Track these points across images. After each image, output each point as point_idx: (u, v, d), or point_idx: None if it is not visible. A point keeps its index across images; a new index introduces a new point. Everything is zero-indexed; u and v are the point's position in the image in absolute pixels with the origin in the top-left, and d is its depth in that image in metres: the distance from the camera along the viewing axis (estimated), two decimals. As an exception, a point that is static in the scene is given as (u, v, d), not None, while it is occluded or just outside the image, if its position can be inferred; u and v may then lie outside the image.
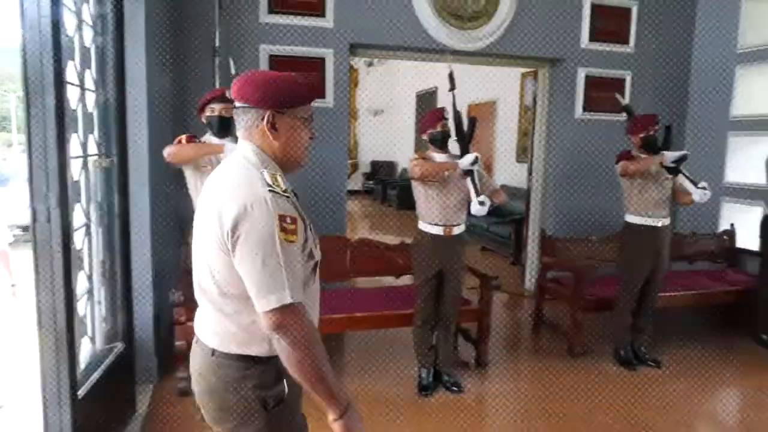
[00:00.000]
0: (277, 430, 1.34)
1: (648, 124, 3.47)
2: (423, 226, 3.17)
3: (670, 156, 3.35)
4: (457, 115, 3.05)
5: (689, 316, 4.70)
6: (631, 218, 3.59)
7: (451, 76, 3.10)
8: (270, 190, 1.22)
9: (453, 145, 3.17)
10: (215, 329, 1.33)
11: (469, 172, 2.96)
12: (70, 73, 2.27)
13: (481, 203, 2.86)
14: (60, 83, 1.98)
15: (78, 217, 2.40)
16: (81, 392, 2.18)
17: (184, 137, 2.70)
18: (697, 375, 3.57)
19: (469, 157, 2.93)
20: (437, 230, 3.11)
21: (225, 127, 2.73)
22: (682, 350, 3.97)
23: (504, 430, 2.98)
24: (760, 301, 4.08)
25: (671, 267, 4.69)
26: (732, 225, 4.73)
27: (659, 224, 3.52)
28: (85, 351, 2.46)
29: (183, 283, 3.05)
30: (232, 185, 1.26)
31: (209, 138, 2.76)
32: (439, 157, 3.12)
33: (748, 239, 4.54)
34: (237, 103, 1.33)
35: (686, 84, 5.14)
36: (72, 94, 2.30)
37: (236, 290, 1.25)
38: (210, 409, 1.37)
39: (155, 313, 3.13)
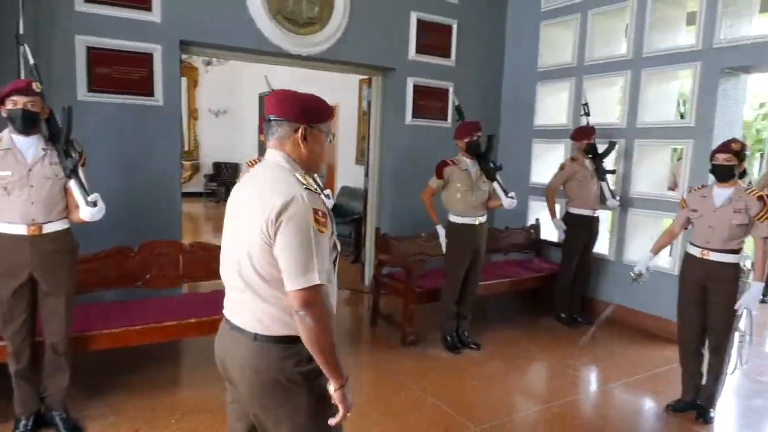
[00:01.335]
0: (318, 405, 1.53)
1: (472, 130, 3.86)
2: None
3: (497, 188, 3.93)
4: None
5: (504, 301, 5.32)
6: (453, 218, 3.96)
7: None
8: (306, 188, 1.44)
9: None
10: (258, 316, 1.49)
11: None
12: None
13: (327, 196, 3.05)
14: None
15: None
16: None
17: None
18: (512, 352, 4.07)
19: None
20: None
21: (30, 122, 2.43)
22: (499, 332, 4.48)
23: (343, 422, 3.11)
24: (558, 285, 4.76)
25: (490, 259, 5.26)
26: (537, 220, 5.43)
27: (477, 222, 3.93)
28: None
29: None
30: (272, 185, 1.46)
31: (6, 134, 2.47)
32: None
33: (550, 232, 5.25)
34: (272, 117, 1.54)
35: (500, 96, 5.80)
36: None
37: (276, 276, 1.44)
38: (254, 390, 1.51)
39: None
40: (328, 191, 3.12)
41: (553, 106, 5.39)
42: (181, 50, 4.17)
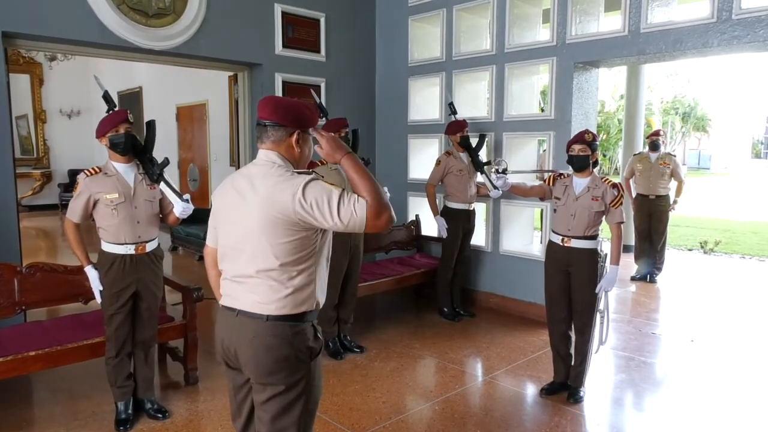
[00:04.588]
0: (313, 378, 1.74)
1: (339, 126, 3.79)
2: (109, 247, 2.81)
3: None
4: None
5: (389, 300, 5.28)
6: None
7: (106, 96, 2.89)
8: (311, 176, 1.66)
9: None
10: (271, 298, 1.66)
11: (159, 178, 2.83)
12: None
13: (187, 201, 2.86)
14: None
15: None
16: None
17: None
18: (394, 352, 4.01)
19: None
20: (127, 250, 2.81)
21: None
22: (383, 331, 4.41)
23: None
24: (439, 280, 4.80)
25: (374, 258, 5.19)
26: (417, 216, 5.44)
27: (351, 223, 3.81)
28: None
29: None
30: (281, 178, 1.64)
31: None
32: (119, 166, 2.81)
33: (431, 227, 5.27)
34: (268, 122, 1.71)
35: (373, 92, 5.73)
36: None
37: (293, 257, 1.64)
38: (265, 364, 1.66)
39: None
40: (187, 195, 2.90)
41: (425, 102, 5.42)
42: (5, 43, 3.60)
